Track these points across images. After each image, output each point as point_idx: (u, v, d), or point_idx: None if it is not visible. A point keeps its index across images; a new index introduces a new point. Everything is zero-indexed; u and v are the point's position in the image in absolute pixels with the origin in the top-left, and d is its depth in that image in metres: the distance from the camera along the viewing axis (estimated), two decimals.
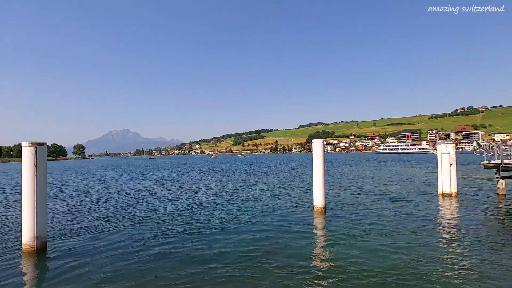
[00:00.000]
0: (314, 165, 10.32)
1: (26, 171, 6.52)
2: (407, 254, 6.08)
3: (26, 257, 6.37)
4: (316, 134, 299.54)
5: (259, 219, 9.62)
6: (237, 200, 13.41)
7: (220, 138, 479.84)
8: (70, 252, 6.74)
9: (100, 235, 8.06)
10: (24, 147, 6.54)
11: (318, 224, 8.92)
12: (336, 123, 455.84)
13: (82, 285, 5.00)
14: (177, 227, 8.73)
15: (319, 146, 10.33)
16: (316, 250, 6.60)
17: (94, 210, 11.96)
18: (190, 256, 6.31)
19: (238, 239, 7.42)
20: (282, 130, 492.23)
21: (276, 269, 5.50)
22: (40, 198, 6.58)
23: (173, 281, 5.09)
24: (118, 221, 9.79)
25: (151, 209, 11.73)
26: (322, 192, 10.22)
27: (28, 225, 6.50)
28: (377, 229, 8.03)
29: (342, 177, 23.93)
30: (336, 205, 11.52)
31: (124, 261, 6.08)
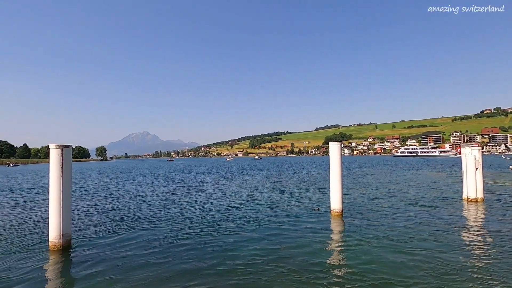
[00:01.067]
0: (331, 168, 10.18)
1: (53, 171, 6.85)
2: (427, 261, 5.86)
3: (52, 254, 6.68)
4: (333, 137, 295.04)
5: (274, 221, 9.58)
6: (252, 203, 13.43)
7: (236, 141, 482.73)
8: (93, 250, 7.00)
9: (120, 235, 8.31)
10: (51, 149, 6.88)
11: (335, 228, 8.78)
12: (354, 126, 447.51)
13: (104, 282, 5.18)
14: (192, 228, 8.86)
15: (337, 149, 10.19)
16: (332, 255, 6.49)
17: (114, 210, 12.35)
18: (204, 257, 6.37)
19: (253, 242, 7.43)
20: (298, 133, 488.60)
21: (291, 273, 5.45)
22: (66, 197, 6.89)
23: (186, 282, 5.16)
24: (136, 221, 10.06)
25: (167, 210, 11.97)
26: (340, 196, 10.05)
27: (54, 223, 6.81)
28: (396, 234, 7.79)
29: (359, 181, 23.42)
30: (354, 209, 11.29)
31: (142, 260, 6.24)
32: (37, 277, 5.48)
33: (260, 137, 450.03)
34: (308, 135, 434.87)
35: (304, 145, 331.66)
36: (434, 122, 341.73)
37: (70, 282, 5.34)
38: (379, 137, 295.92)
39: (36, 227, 9.34)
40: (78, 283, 5.26)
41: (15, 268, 5.88)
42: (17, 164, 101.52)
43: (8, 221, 10.36)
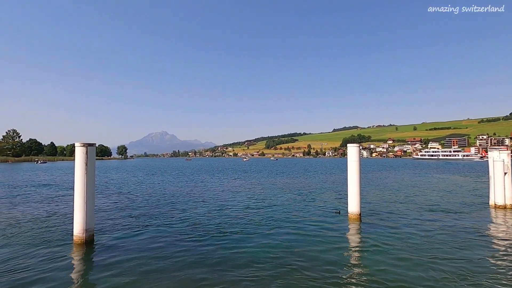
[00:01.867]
0: (349, 170, 10.00)
1: (78, 169, 7.16)
2: (449, 270, 5.60)
3: (76, 248, 6.99)
4: (351, 138, 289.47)
5: (290, 223, 9.53)
6: (268, 204, 13.42)
7: (252, 141, 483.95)
8: (114, 245, 7.26)
9: (139, 231, 8.56)
10: (77, 147, 7.20)
11: (352, 232, 8.61)
12: (372, 127, 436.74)
13: (125, 276, 5.36)
14: (207, 228, 8.96)
15: (355, 150, 10.00)
16: (349, 259, 6.36)
17: (133, 207, 12.73)
18: (218, 257, 6.43)
19: (267, 243, 7.41)
20: (315, 134, 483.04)
21: (305, 276, 5.40)
22: (89, 194, 7.19)
23: (199, 281, 5.23)
24: (153, 219, 10.32)
25: (183, 209, 12.19)
26: (358, 199, 9.85)
27: (78, 218, 7.12)
28: (416, 240, 7.53)
29: (378, 184, 22.83)
30: (372, 213, 11.03)
31: (158, 257, 6.40)
32: (63, 269, 5.75)
33: (277, 138, 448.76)
34: (325, 136, 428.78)
35: (321, 146, 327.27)
36: (459, 124, 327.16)
37: (94, 274, 5.57)
38: (400, 139, 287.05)
39: (61, 222, 9.79)
40: (101, 276, 5.47)
41: (42, 260, 6.20)
42: (44, 161, 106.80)
43: (36, 215, 10.93)
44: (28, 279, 5.27)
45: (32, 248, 7.00)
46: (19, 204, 13.54)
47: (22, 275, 5.43)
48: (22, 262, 6.06)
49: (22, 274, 5.48)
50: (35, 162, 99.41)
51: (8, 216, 10.83)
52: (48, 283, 5.12)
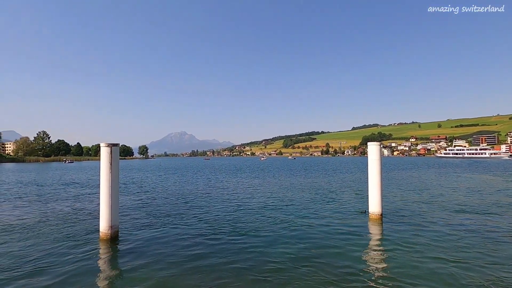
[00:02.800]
0: (369, 169, 9.77)
1: (103, 168, 7.46)
2: (476, 274, 5.32)
3: (102, 243, 7.29)
4: (371, 137, 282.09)
5: (308, 223, 9.44)
6: (286, 203, 13.37)
7: (270, 140, 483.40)
8: (137, 241, 7.51)
9: (160, 229, 8.80)
10: (102, 147, 7.51)
11: (373, 232, 8.40)
12: (394, 125, 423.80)
13: (148, 272, 5.54)
14: (226, 227, 9.05)
15: (375, 149, 9.75)
16: (370, 260, 6.20)
17: (154, 205, 13.09)
18: (237, 256, 6.48)
19: (284, 242, 7.36)
20: (334, 132, 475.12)
21: (325, 277, 5.33)
22: (114, 192, 7.47)
23: (218, 279, 5.31)
24: (174, 217, 10.55)
25: (203, 208, 12.38)
26: (379, 198, 9.61)
27: (104, 215, 7.42)
28: (441, 242, 7.22)
29: (400, 183, 22.10)
30: (394, 213, 10.70)
31: (178, 254, 6.55)
32: (90, 264, 6.02)
33: (294, 137, 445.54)
34: (344, 134, 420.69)
35: (340, 145, 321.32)
36: (487, 120, 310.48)
37: (119, 269, 5.80)
38: (423, 137, 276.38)
39: (87, 218, 10.25)
40: (125, 271, 5.70)
41: (70, 254, 6.53)
42: (71, 161, 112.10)
43: (64, 212, 11.51)
44: (57, 272, 5.56)
45: (60, 243, 7.37)
46: (49, 202, 14.30)
47: (50, 269, 5.74)
48: (51, 257, 6.41)
49: (51, 268, 5.79)
50: (63, 162, 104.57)
51: (39, 212, 11.47)
52: (76, 277, 5.38)
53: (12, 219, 10.36)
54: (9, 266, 5.89)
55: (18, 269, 5.71)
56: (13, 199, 15.22)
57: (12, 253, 6.68)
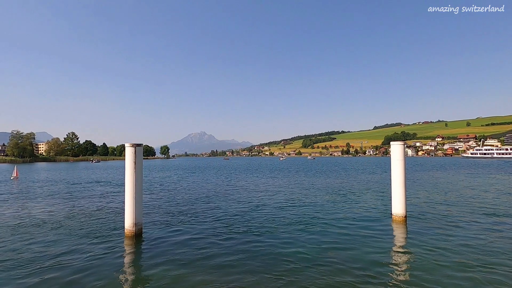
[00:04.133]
0: (392, 170, 9.48)
1: (127, 167, 7.75)
2: (502, 283, 4.98)
3: (127, 240, 7.58)
4: (394, 136, 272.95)
5: (330, 224, 9.29)
6: (305, 203, 13.24)
7: (289, 140, 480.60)
8: (160, 239, 7.74)
9: (182, 227, 9.01)
10: (127, 147, 7.80)
11: (397, 234, 8.14)
12: (418, 124, 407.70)
13: (170, 268, 5.70)
14: (245, 226, 9.11)
15: (399, 148, 9.44)
16: (390, 264, 5.96)
17: (177, 204, 13.41)
18: (257, 255, 6.50)
19: (302, 243, 7.28)
20: (354, 132, 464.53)
21: (345, 279, 5.22)
22: (138, 190, 7.74)
23: (237, 278, 5.35)
24: (195, 215, 10.76)
25: (223, 207, 12.53)
26: (403, 200, 9.29)
27: (129, 213, 7.71)
28: (468, 247, 6.85)
29: (425, 184, 21.21)
30: (418, 215, 10.30)
31: (200, 252, 6.68)
32: (116, 259, 6.28)
33: (314, 137, 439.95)
34: (365, 134, 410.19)
35: (361, 144, 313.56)
36: None
37: (143, 265, 6.01)
38: (450, 136, 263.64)
39: (112, 215, 10.69)
40: (149, 266, 5.90)
41: (97, 250, 6.83)
42: (98, 161, 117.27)
43: (91, 209, 12.07)
44: (84, 266, 5.84)
45: (87, 239, 7.74)
46: (77, 199, 15.06)
47: (78, 263, 6.04)
48: (78, 251, 6.74)
49: (79, 262, 6.09)
50: (91, 162, 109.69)
51: (67, 209, 12.11)
52: (103, 271, 5.62)
53: (44, 214, 11.01)
54: (38, 258, 6.26)
55: (47, 262, 6.06)
56: (45, 196, 16.16)
57: (42, 246, 7.10)
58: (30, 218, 10.45)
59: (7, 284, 5.06)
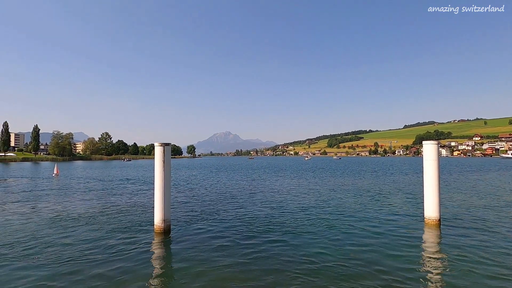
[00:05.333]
0: (425, 171, 9.00)
1: (157, 165, 8.05)
2: None
3: (156, 236, 7.88)
4: (427, 135, 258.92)
5: (357, 226, 8.99)
6: (330, 204, 12.95)
7: (313, 140, 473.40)
8: (188, 235, 7.97)
9: (208, 224, 9.20)
10: (156, 147, 8.11)
11: (429, 240, 7.70)
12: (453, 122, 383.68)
13: (198, 264, 5.85)
14: (270, 225, 9.09)
15: (432, 148, 8.94)
16: (419, 270, 5.62)
17: (203, 202, 13.72)
18: (283, 255, 6.46)
19: (325, 245, 7.09)
20: (383, 131, 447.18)
21: (374, 284, 5.05)
22: (167, 188, 8.02)
23: (262, 276, 5.35)
24: (221, 213, 10.93)
25: (248, 206, 12.61)
26: (436, 202, 8.79)
27: (158, 209, 8.01)
28: (505, 256, 6.29)
29: (461, 186, 19.89)
30: (453, 219, 9.68)
31: (226, 249, 6.78)
32: (146, 254, 6.56)
33: (340, 136, 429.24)
34: (395, 133, 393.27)
35: (390, 144, 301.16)
36: None
37: (172, 260, 6.24)
38: (490, 135, 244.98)
39: (143, 212, 11.16)
40: (177, 260, 6.13)
41: (129, 245, 7.16)
42: (129, 159, 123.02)
43: (122, 205, 12.68)
44: (116, 260, 6.14)
45: (118, 233, 8.15)
46: (110, 195, 15.91)
47: (111, 257, 6.36)
48: (111, 246, 7.08)
49: (112, 256, 6.41)
50: (122, 160, 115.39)
51: (101, 205, 12.83)
52: (135, 266, 5.89)
53: (80, 209, 11.75)
54: (70, 250, 6.68)
55: (78, 254, 6.44)
56: (81, 192, 17.26)
57: (74, 239, 7.57)
58: (67, 212, 11.20)
59: (38, 274, 5.40)
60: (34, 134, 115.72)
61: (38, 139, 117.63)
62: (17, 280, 5.14)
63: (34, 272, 5.48)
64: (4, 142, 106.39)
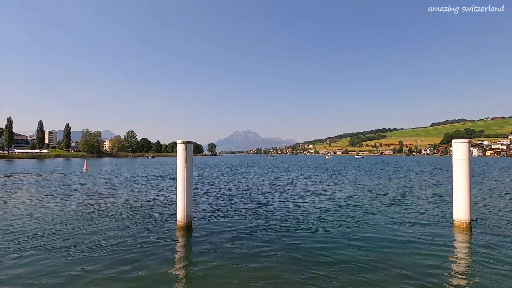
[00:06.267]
0: (454, 171, 8.55)
1: (179, 163, 8.25)
2: None
3: (179, 231, 8.10)
4: (456, 134, 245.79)
5: (381, 227, 8.72)
6: (352, 204, 12.66)
7: (335, 138, 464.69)
8: (208, 230, 8.14)
9: (226, 221, 9.32)
10: (178, 144, 8.31)
11: (458, 243, 7.32)
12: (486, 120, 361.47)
13: (218, 259, 5.95)
14: (286, 224, 9.04)
15: (463, 147, 8.47)
16: (450, 276, 5.31)
17: (221, 198, 13.90)
18: (304, 254, 6.42)
19: (347, 245, 6.94)
20: (408, 129, 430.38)
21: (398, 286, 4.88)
22: (188, 184, 8.20)
23: (281, 275, 5.34)
24: (238, 211, 11.02)
25: (266, 204, 12.61)
26: (467, 204, 8.33)
27: (180, 205, 8.22)
28: None
29: (494, 188, 18.70)
30: (485, 222, 9.14)
31: (246, 246, 6.83)
32: (169, 248, 6.76)
33: (362, 135, 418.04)
34: (421, 131, 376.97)
35: (416, 143, 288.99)
36: None
37: (194, 254, 6.40)
38: None
39: (165, 207, 11.49)
40: (199, 254, 6.30)
41: (152, 238, 7.40)
42: (153, 157, 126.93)
43: (145, 200, 13.14)
44: (140, 253, 6.37)
45: (143, 228, 8.43)
46: (134, 191, 16.52)
47: (135, 250, 6.60)
48: (135, 239, 7.35)
49: (135, 249, 6.66)
50: (146, 157, 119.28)
51: (125, 200, 13.35)
52: (160, 258, 6.09)
53: (105, 204, 12.30)
54: (94, 243, 6.99)
55: (103, 246, 6.74)
56: (108, 188, 18.07)
57: (98, 232, 7.92)
58: (94, 206, 11.79)
59: (61, 265, 5.67)
60: (65, 132, 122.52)
61: (70, 137, 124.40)
62: (45, 268, 5.48)
63: (61, 261, 5.80)
64: (40, 140, 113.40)
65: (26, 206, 11.69)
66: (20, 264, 5.71)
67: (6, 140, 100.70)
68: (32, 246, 6.78)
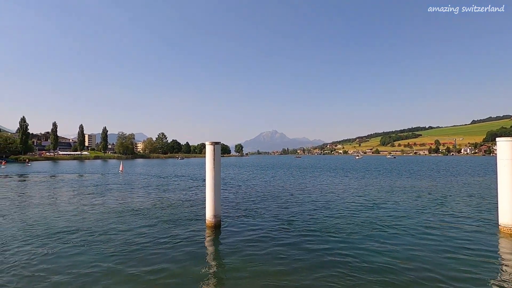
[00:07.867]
0: (499, 172, 7.89)
1: (208, 163, 8.46)
2: None
3: (208, 230, 8.29)
4: (501, 131, 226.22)
5: (409, 229, 8.27)
6: (384, 207, 12.12)
7: (364, 138, 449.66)
8: (237, 230, 8.25)
9: (254, 221, 9.36)
10: (207, 145, 8.52)
11: (503, 250, 6.70)
12: None
13: (246, 259, 6.01)
14: (313, 226, 8.85)
15: (509, 146, 7.79)
16: (483, 284, 4.92)
17: (249, 199, 14.00)
18: (319, 254, 6.29)
19: (385, 249, 6.66)
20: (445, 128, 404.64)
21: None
22: (217, 185, 8.38)
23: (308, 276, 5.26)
24: (269, 211, 11.02)
25: (294, 205, 12.48)
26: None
27: (209, 205, 8.41)
28: None
29: None
30: None
31: (273, 246, 6.83)
32: (200, 247, 6.95)
33: (394, 134, 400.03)
34: (460, 129, 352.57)
35: (454, 142, 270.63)
36: None
37: (223, 253, 6.54)
38: None
39: (194, 207, 11.82)
40: (228, 253, 6.44)
41: (183, 237, 7.63)
42: (182, 158, 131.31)
43: (174, 200, 13.60)
44: (172, 251, 6.59)
45: (174, 227, 8.72)
46: (165, 191, 17.19)
47: (166, 247, 6.84)
48: (166, 238, 7.59)
49: (167, 247, 6.90)
50: (176, 158, 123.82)
51: (156, 199, 13.91)
52: (191, 256, 6.29)
53: (138, 203, 12.91)
54: (125, 240, 7.33)
55: (136, 244, 7.03)
56: (141, 187, 18.98)
57: (130, 230, 8.28)
58: (128, 204, 12.43)
59: (93, 261, 5.97)
60: (103, 135, 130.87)
61: (107, 139, 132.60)
62: (81, 262, 5.87)
63: (95, 257, 6.16)
64: (80, 142, 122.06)
65: (68, 204, 12.63)
66: (60, 256, 6.20)
67: (52, 143, 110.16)
68: (72, 239, 7.36)
